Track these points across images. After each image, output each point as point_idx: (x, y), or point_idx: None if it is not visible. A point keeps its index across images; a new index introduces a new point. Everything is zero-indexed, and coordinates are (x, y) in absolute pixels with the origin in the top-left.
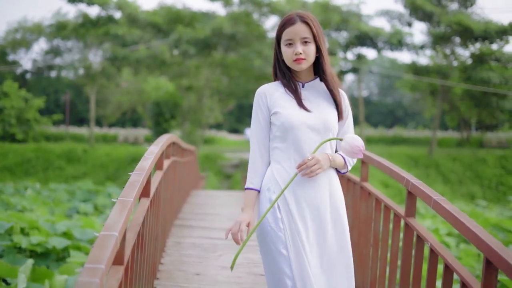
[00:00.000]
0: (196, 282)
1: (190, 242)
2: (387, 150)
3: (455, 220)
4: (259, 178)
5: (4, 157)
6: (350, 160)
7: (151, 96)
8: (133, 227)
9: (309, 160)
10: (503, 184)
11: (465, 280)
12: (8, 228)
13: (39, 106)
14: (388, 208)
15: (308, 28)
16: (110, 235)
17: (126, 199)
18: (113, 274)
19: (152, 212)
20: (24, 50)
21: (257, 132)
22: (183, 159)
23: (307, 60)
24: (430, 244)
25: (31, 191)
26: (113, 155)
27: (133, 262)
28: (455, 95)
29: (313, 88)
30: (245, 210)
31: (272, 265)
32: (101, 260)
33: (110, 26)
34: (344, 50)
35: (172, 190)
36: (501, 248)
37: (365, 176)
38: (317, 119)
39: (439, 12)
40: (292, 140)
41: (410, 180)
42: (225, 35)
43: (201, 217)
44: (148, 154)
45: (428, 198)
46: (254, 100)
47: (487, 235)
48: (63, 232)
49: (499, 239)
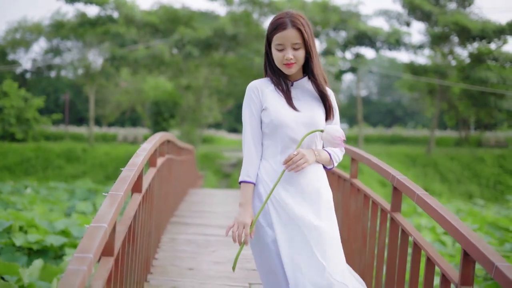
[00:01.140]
0: (188, 277)
1: (185, 239)
2: (385, 150)
3: (436, 214)
4: (255, 171)
5: (4, 157)
6: (336, 157)
7: (150, 96)
8: (125, 220)
9: (295, 155)
10: (501, 183)
11: (445, 272)
12: (7, 226)
13: (39, 105)
14: (375, 204)
15: (299, 33)
16: (99, 226)
17: (116, 193)
18: (104, 264)
19: (144, 207)
20: (24, 49)
21: (251, 125)
22: (179, 157)
23: (297, 64)
24: (413, 238)
25: (30, 190)
26: (112, 154)
27: (124, 254)
28: (454, 95)
29: (301, 87)
30: (245, 208)
31: (263, 259)
32: (90, 249)
33: (109, 25)
34: (342, 50)
35: (167, 188)
36: (478, 241)
37: (354, 173)
38: (306, 117)
39: (437, 11)
40: (280, 138)
41: (396, 176)
42: (226, 36)
43: (198, 215)
44: (140, 151)
45: (412, 193)
46: (245, 95)
47: (465, 228)
48: (61, 230)
49: (496, 237)
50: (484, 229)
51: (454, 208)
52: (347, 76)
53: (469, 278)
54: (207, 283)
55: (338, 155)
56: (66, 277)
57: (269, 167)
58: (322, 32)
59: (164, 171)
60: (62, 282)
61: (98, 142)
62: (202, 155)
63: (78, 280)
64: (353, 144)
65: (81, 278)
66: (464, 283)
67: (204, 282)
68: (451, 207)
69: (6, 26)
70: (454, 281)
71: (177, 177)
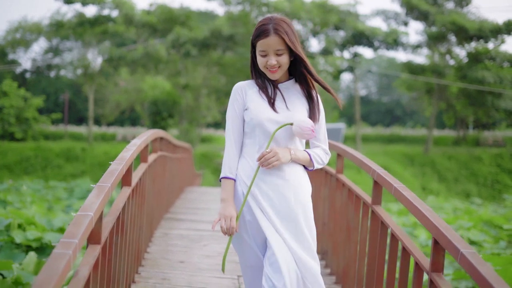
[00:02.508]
0: (179, 269)
1: (177, 233)
2: (383, 149)
3: (410, 205)
4: (235, 167)
5: (3, 156)
6: (317, 157)
7: (149, 95)
8: (113, 212)
9: (268, 153)
10: (498, 182)
11: (418, 260)
12: (6, 224)
13: (38, 105)
14: (358, 198)
15: (281, 40)
16: (85, 215)
17: (103, 184)
18: (90, 252)
19: (134, 201)
20: (24, 49)
21: (233, 124)
22: (174, 155)
23: (281, 69)
24: (391, 229)
25: (26, 187)
26: (112, 153)
27: (111, 243)
28: (452, 94)
29: (287, 89)
30: (227, 202)
31: (239, 250)
32: (75, 235)
33: (107, 25)
34: (340, 49)
35: (160, 184)
36: (446, 229)
37: (340, 168)
38: (287, 118)
39: (435, 11)
40: (258, 137)
41: (376, 170)
42: (223, 36)
43: (192, 211)
44: (130, 146)
45: (390, 186)
46: (231, 95)
47: (437, 218)
48: (59, 227)
49: (491, 235)
50: (479, 227)
51: (451, 207)
52: (346, 75)
53: (439, 265)
54: (197, 275)
55: (321, 157)
56: (52, 260)
57: (247, 164)
58: (320, 31)
59: (157, 167)
60: (48, 265)
61: (97, 142)
62: (201, 154)
63: (63, 263)
64: (351, 143)
65: (66, 261)
66: (434, 270)
67: (194, 274)
68: (448, 205)
69: (7, 25)
70: (425, 269)
71: (171, 174)
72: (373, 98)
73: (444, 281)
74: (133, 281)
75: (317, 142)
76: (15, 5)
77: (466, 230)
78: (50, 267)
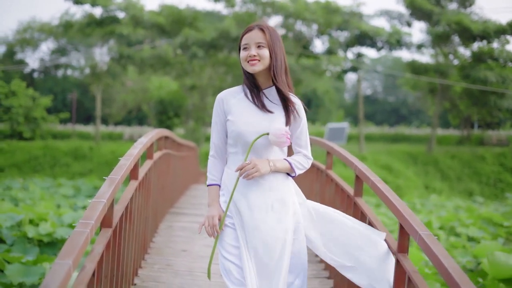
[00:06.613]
0: (182, 257)
1: (180, 226)
2: (387, 148)
3: (383, 195)
4: (219, 174)
5: (12, 155)
6: (297, 164)
7: (155, 95)
8: (122, 201)
9: (247, 164)
10: (501, 181)
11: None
12: (19, 220)
13: (46, 104)
14: (344, 191)
15: (263, 34)
16: (99, 201)
17: (114, 177)
18: (103, 234)
19: (141, 193)
20: (32, 49)
21: (216, 134)
22: (179, 153)
23: (261, 62)
24: (369, 218)
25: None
26: (119, 152)
27: (121, 228)
28: (455, 94)
29: (269, 95)
30: (212, 205)
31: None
32: (92, 217)
33: (114, 26)
34: (344, 50)
35: (165, 180)
36: (410, 215)
37: (329, 165)
38: (264, 127)
39: (438, 11)
40: (241, 146)
41: (357, 166)
42: (231, 37)
43: (196, 207)
44: (137, 144)
45: (367, 179)
46: (214, 106)
47: (403, 207)
48: (69, 224)
49: (489, 232)
50: (478, 224)
51: (452, 205)
52: (352, 75)
53: (404, 247)
54: (197, 261)
55: (301, 163)
56: (74, 236)
57: (232, 173)
58: (324, 32)
59: (162, 164)
60: (70, 239)
61: (104, 141)
62: (206, 153)
63: (82, 239)
64: (355, 142)
65: (85, 237)
66: (400, 251)
67: (195, 261)
68: (450, 204)
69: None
70: (393, 250)
71: (176, 171)
72: (379, 98)
73: (408, 260)
74: (140, 266)
75: (298, 148)
76: (26, 5)
77: (465, 227)
78: (73, 241)
